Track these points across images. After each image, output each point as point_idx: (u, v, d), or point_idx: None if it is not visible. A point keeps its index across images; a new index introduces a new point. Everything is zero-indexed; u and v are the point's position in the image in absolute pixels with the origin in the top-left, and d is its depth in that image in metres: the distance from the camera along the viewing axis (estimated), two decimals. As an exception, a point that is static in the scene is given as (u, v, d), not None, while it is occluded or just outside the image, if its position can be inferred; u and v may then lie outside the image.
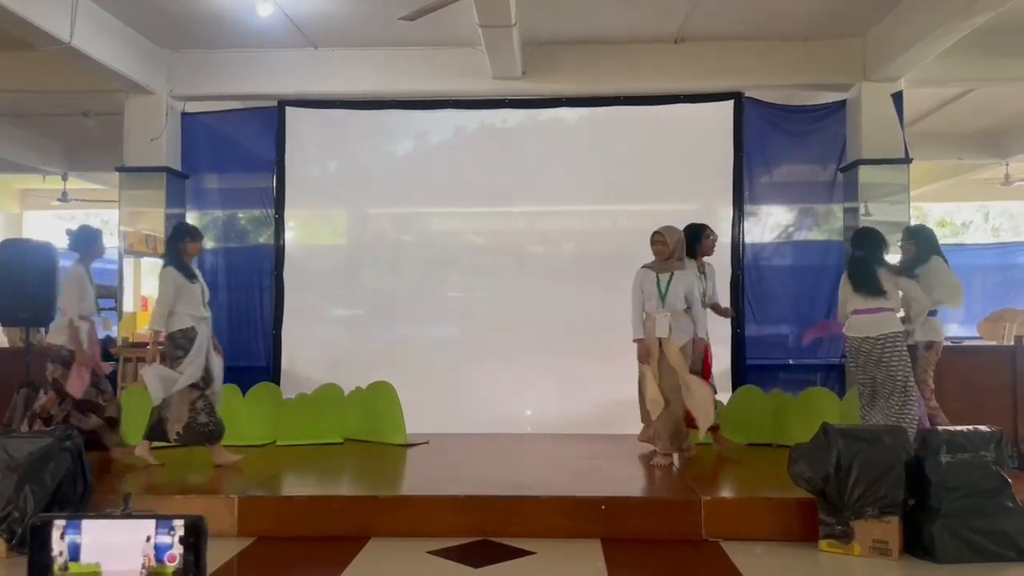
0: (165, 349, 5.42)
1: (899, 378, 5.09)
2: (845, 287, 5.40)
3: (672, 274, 5.50)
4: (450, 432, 6.57)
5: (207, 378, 5.46)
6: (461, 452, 5.99)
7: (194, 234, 5.61)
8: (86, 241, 5.68)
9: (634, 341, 5.58)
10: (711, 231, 6.03)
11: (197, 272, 5.60)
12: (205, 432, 5.43)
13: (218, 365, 5.58)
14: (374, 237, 8.10)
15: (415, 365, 7.30)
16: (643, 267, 5.63)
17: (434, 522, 4.41)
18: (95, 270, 5.87)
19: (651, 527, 4.36)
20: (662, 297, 5.49)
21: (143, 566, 1.97)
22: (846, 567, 3.95)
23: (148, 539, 1.97)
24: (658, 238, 5.55)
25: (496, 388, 7.13)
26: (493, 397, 7.09)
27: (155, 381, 5.31)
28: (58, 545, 1.99)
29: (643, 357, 5.53)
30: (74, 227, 5.75)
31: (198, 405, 5.42)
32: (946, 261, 5.54)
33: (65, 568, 2.00)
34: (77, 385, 5.44)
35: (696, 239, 5.92)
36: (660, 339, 5.44)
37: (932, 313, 5.40)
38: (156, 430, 5.47)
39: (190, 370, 5.35)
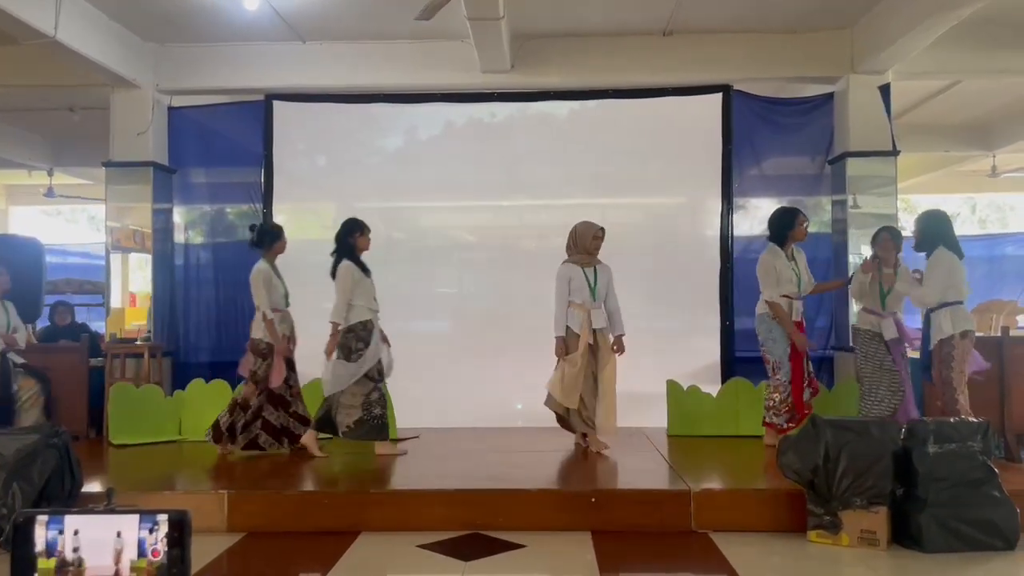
0: (344, 342, 5.53)
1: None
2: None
3: (595, 268, 5.69)
4: (440, 426, 6.57)
5: (381, 370, 5.59)
6: (451, 446, 5.99)
7: (364, 228, 5.70)
8: (269, 236, 5.77)
9: (556, 337, 5.65)
10: (804, 216, 5.84)
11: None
12: (378, 426, 5.54)
13: (388, 357, 5.68)
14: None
15: (405, 360, 7.22)
16: (567, 262, 5.72)
17: (424, 516, 4.41)
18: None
19: (641, 519, 4.37)
20: (592, 290, 5.64)
21: (116, 561, 1.95)
22: (834, 557, 3.96)
23: (133, 533, 1.96)
24: (602, 234, 5.73)
25: (486, 382, 7.12)
26: (483, 391, 7.08)
27: (334, 373, 5.46)
28: (70, 543, 1.97)
29: (561, 352, 5.63)
30: (257, 223, 5.89)
31: (372, 397, 5.54)
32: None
33: (62, 564, 1.99)
34: (276, 376, 5.59)
35: (789, 226, 5.74)
36: (595, 331, 5.60)
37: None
38: (324, 421, 5.58)
39: (369, 361, 5.50)
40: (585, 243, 5.74)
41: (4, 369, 5.80)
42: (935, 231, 5.33)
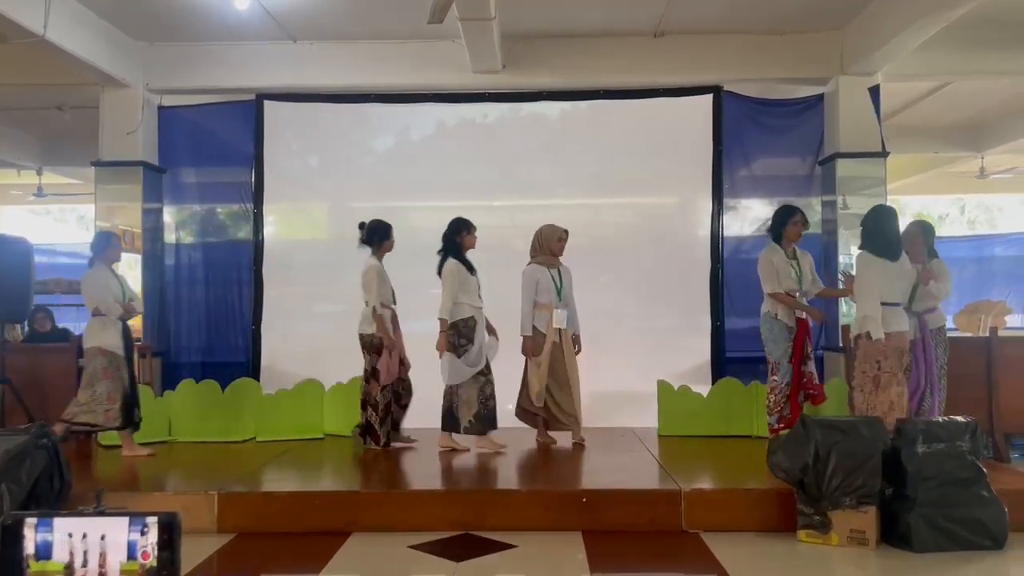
0: (449, 338, 5.65)
1: None
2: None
3: (559, 269, 5.90)
4: (432, 426, 6.55)
5: (488, 363, 5.71)
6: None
7: (471, 227, 5.80)
8: (379, 234, 5.85)
9: (523, 336, 5.84)
10: (800, 216, 5.70)
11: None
12: (492, 417, 5.68)
13: (494, 350, 5.83)
14: (354, 232, 7.99)
15: (396, 360, 7.27)
16: (533, 263, 5.89)
17: (416, 516, 4.41)
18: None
19: (632, 519, 4.37)
20: (558, 291, 5.85)
21: (104, 564, 1.95)
22: (824, 557, 3.98)
23: (122, 535, 1.96)
24: (566, 236, 5.90)
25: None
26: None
27: (450, 367, 5.61)
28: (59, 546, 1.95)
29: (531, 351, 5.83)
30: (365, 221, 5.92)
31: (486, 391, 5.66)
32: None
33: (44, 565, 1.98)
34: (387, 371, 5.65)
35: (782, 223, 5.68)
36: (559, 330, 5.80)
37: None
38: (449, 419, 5.69)
39: (476, 358, 5.63)
40: (550, 244, 5.90)
41: None
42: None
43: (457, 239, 5.76)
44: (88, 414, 5.46)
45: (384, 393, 5.72)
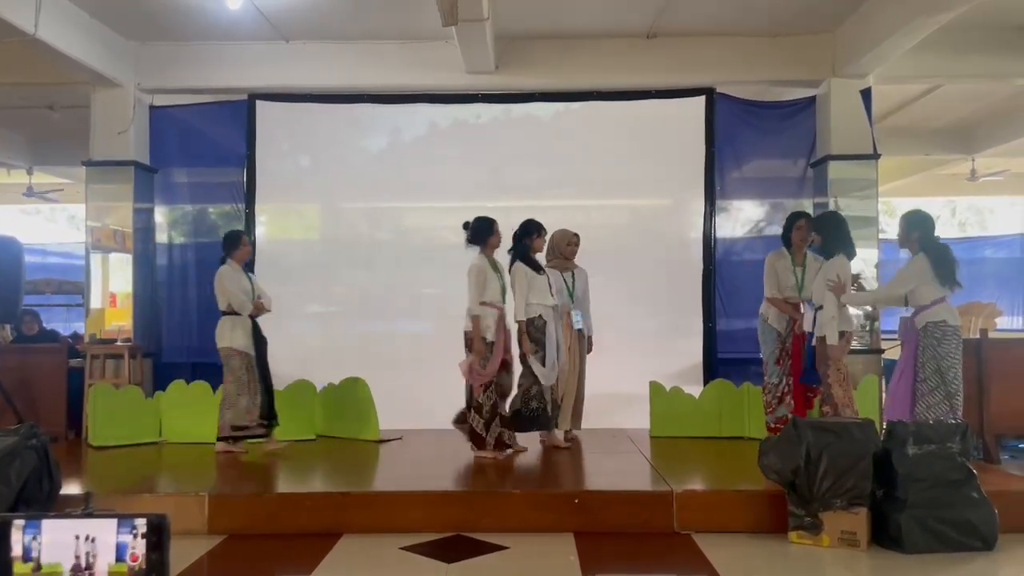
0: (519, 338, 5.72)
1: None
2: (926, 272, 4.95)
3: (573, 272, 6.08)
4: (424, 427, 6.55)
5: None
6: (434, 448, 5.98)
7: (540, 230, 5.86)
8: (485, 231, 5.77)
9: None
10: (801, 222, 5.76)
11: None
12: (531, 418, 5.67)
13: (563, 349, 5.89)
14: (347, 232, 8.04)
15: (388, 361, 7.26)
16: (546, 267, 5.97)
17: (407, 518, 4.40)
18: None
19: (624, 520, 4.37)
20: (571, 293, 6.01)
21: (91, 567, 1.94)
22: (815, 558, 3.99)
23: (111, 537, 1.94)
24: (577, 240, 6.09)
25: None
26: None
27: (535, 367, 5.59)
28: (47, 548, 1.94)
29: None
30: (470, 219, 5.85)
31: (532, 391, 5.66)
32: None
33: (38, 568, 1.97)
34: (467, 371, 5.58)
35: (788, 229, 5.79)
36: (572, 332, 5.93)
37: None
38: (542, 419, 5.69)
39: (550, 356, 5.67)
40: (561, 249, 6.06)
41: None
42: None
43: (527, 241, 5.82)
44: (235, 414, 5.67)
45: (488, 394, 5.56)
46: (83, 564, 1.95)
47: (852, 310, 5.55)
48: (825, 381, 5.27)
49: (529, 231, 5.83)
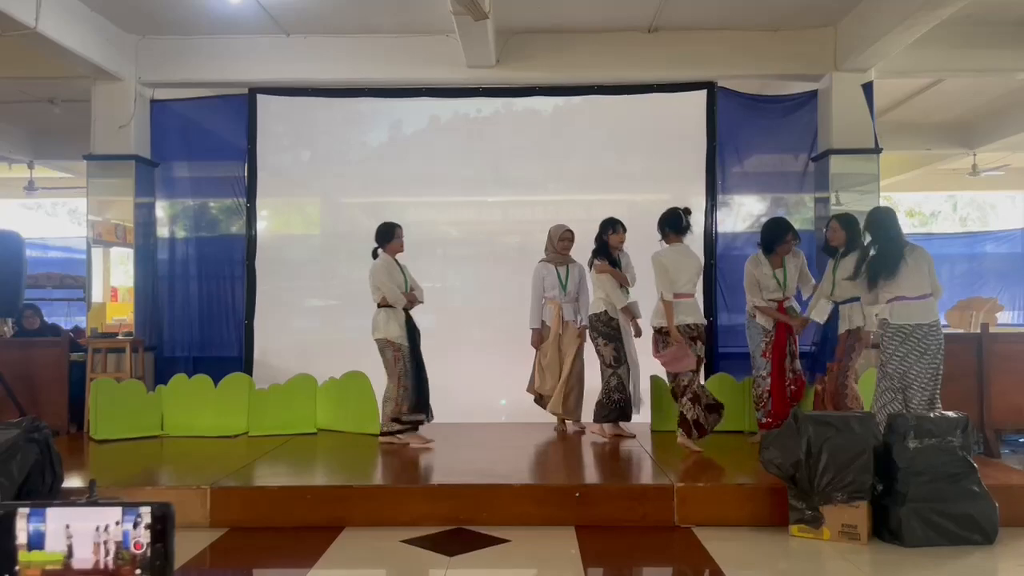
0: (591, 332, 6.02)
1: (938, 368, 4.93)
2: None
3: (568, 266, 6.27)
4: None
5: (618, 357, 5.96)
6: (435, 441, 5.98)
7: (617, 227, 6.05)
8: (676, 223, 5.83)
9: (532, 328, 6.30)
10: (793, 234, 5.81)
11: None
12: (617, 409, 5.92)
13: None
14: (348, 226, 8.03)
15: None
16: (541, 262, 6.28)
17: (408, 511, 4.41)
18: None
19: (625, 514, 4.39)
20: (563, 287, 6.23)
21: (98, 553, 1.94)
22: (816, 552, 4.00)
23: (115, 525, 1.95)
24: (570, 235, 6.27)
25: (471, 377, 7.12)
26: (468, 386, 7.08)
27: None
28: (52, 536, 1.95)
29: (537, 343, 6.27)
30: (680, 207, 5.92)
31: (611, 383, 5.92)
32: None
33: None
34: (672, 359, 5.59)
35: (779, 240, 5.77)
36: (566, 323, 6.20)
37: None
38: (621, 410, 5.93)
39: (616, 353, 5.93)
40: (555, 244, 6.26)
41: None
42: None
43: (604, 237, 6.04)
44: (391, 406, 5.77)
45: (687, 378, 5.46)
46: (88, 553, 1.95)
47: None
48: (844, 372, 5.40)
49: (607, 228, 6.05)
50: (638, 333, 6.09)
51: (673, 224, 5.68)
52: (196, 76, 7.47)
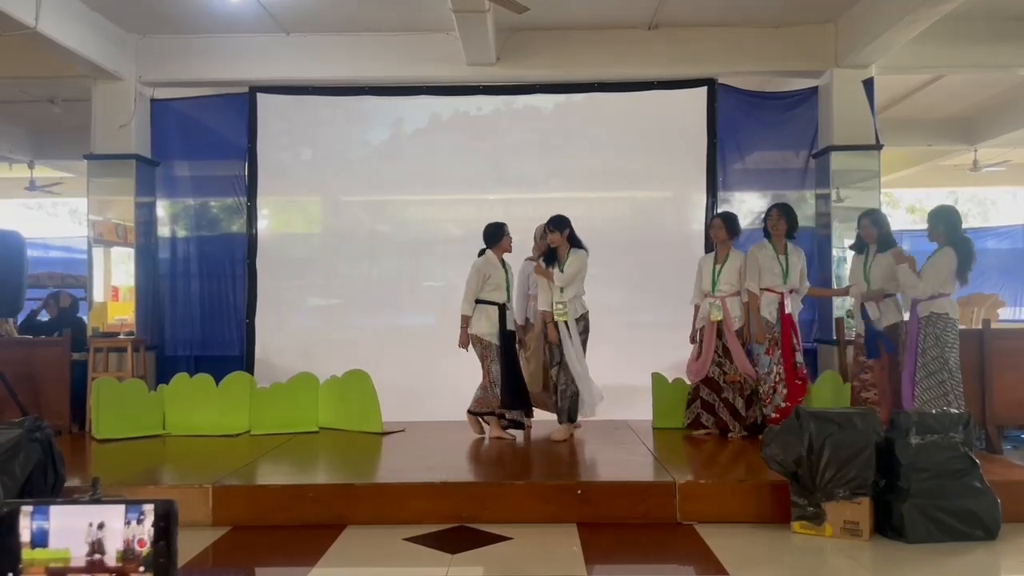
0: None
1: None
2: (948, 265, 5.15)
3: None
4: (426, 420, 6.57)
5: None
6: (437, 439, 5.99)
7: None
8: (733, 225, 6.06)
9: (521, 325, 6.24)
10: (772, 211, 6.07)
11: None
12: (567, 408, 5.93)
13: None
14: (348, 225, 8.04)
15: (391, 353, 7.28)
16: (527, 260, 6.21)
17: (410, 509, 4.41)
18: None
19: (626, 511, 4.39)
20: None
21: (100, 551, 1.94)
22: (818, 548, 4.00)
23: (119, 523, 1.95)
24: (547, 235, 6.03)
25: (472, 376, 7.10)
26: (469, 385, 7.06)
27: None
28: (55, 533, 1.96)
29: (521, 341, 6.19)
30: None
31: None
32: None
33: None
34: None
35: (765, 219, 6.07)
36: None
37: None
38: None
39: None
40: (537, 242, 6.21)
41: None
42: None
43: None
44: (480, 393, 5.93)
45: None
46: (92, 550, 1.95)
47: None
48: (895, 366, 5.46)
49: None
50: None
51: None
52: (196, 75, 7.47)
